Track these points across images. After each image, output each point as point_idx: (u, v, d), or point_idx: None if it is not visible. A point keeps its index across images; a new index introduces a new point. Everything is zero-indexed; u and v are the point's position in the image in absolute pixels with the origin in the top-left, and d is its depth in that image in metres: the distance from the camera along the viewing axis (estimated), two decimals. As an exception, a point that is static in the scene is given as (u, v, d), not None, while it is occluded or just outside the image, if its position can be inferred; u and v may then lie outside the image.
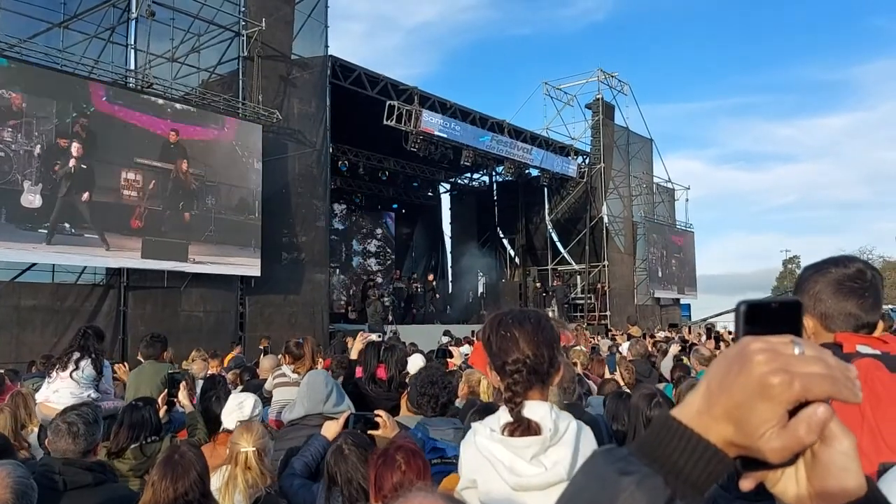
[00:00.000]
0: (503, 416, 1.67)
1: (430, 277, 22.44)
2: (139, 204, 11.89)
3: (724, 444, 0.58)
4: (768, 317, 0.61)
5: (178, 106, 12.73)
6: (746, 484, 0.60)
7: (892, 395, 1.32)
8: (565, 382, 3.35)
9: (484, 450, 1.64)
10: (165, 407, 4.19)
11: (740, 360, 0.58)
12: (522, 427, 1.62)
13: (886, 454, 1.07)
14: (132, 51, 13.13)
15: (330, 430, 3.18)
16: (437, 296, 21.72)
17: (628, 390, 4.72)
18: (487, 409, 2.60)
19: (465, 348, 9.10)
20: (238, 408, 3.60)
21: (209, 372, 7.22)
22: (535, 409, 1.65)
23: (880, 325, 1.54)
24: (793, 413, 0.57)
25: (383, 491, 2.14)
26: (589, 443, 1.68)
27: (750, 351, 0.58)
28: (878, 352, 1.44)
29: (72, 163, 10.98)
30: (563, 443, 1.61)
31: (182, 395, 4.17)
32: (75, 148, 11.02)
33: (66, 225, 10.94)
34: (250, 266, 13.40)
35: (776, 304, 0.61)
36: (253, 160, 13.61)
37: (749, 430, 0.57)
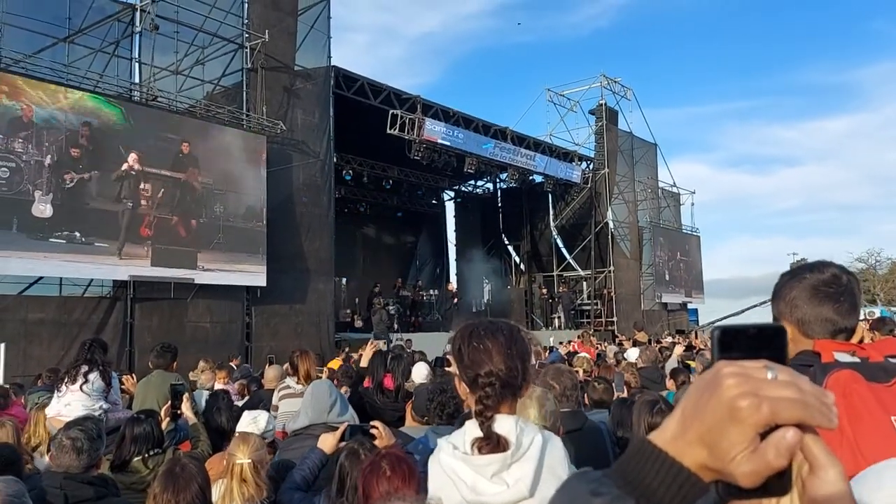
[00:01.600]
0: (470, 430, 1.63)
1: (450, 286, 22.47)
2: (148, 212, 12.00)
3: (698, 468, 0.59)
4: (748, 343, 0.60)
5: (189, 119, 12.97)
6: None
7: (869, 408, 1.29)
8: (567, 390, 3.35)
9: (447, 467, 1.61)
10: (168, 419, 4.19)
11: (712, 384, 0.59)
12: (492, 443, 1.58)
13: (864, 469, 1.07)
14: (137, 64, 13.23)
15: (327, 442, 3.17)
16: (457, 302, 21.71)
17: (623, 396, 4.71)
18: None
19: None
20: (253, 422, 3.60)
21: (215, 383, 7.23)
22: (501, 424, 1.61)
23: (859, 328, 1.52)
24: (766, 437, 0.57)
25: (371, 499, 2.15)
26: (556, 456, 1.63)
27: (721, 375, 0.58)
28: (857, 359, 1.42)
29: (83, 173, 11.12)
30: (526, 458, 1.57)
31: (185, 407, 4.17)
32: (85, 157, 11.16)
33: (77, 234, 11.01)
34: (257, 275, 13.44)
35: (754, 329, 0.61)
36: (259, 168, 13.72)
37: (720, 453, 0.57)
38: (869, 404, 1.30)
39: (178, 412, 4.23)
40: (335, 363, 9.47)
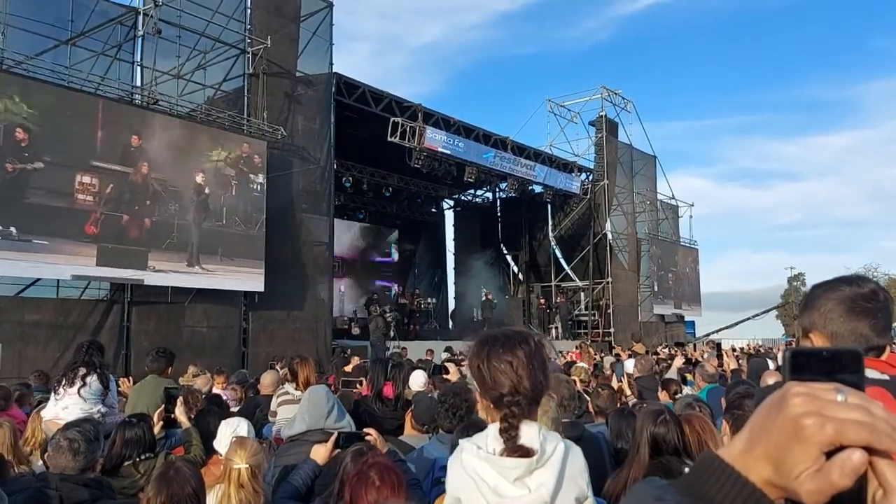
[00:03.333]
0: (493, 433, 1.63)
1: (489, 295, 22.66)
2: (95, 209, 11.23)
3: (764, 484, 0.60)
4: (820, 366, 0.61)
5: (142, 110, 12.38)
6: None
7: None
8: (565, 400, 3.34)
9: (469, 468, 1.60)
10: (161, 423, 4.16)
11: (780, 402, 0.60)
12: (519, 451, 1.58)
13: None
14: (138, 68, 13.26)
15: (319, 453, 3.15)
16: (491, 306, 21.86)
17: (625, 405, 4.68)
18: (475, 426, 2.54)
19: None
20: (233, 434, 3.54)
21: (213, 388, 7.21)
22: (525, 431, 1.60)
23: (887, 349, 1.50)
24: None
25: None
26: (577, 464, 1.64)
27: (789, 394, 0.60)
28: (885, 376, 1.41)
29: (25, 163, 10.43)
30: (549, 465, 1.57)
31: (179, 412, 4.14)
32: (26, 146, 10.47)
33: (13, 230, 10.29)
34: (254, 281, 13.40)
35: (828, 353, 0.61)
36: (220, 164, 13.10)
37: (786, 471, 0.58)
38: None
39: (172, 416, 4.20)
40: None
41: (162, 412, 4.24)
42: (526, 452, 1.58)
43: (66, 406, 4.94)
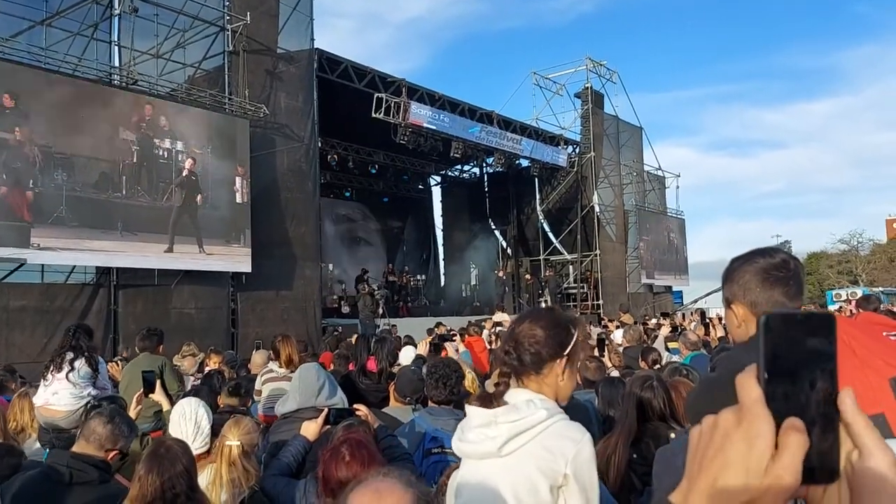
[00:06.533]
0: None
1: (500, 273, 23.10)
2: None
3: None
4: (794, 329, 0.58)
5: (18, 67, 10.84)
6: None
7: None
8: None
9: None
10: (139, 407, 4.16)
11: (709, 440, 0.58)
12: (485, 401, 1.75)
13: None
14: (116, 48, 13.01)
15: (309, 430, 3.17)
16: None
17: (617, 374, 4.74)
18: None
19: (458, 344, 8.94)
20: (181, 418, 3.24)
21: (209, 368, 7.20)
22: (514, 393, 1.75)
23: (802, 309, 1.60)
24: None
25: (330, 484, 2.15)
26: (557, 436, 1.68)
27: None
28: None
29: None
30: (513, 423, 1.66)
31: (157, 395, 4.14)
32: None
33: None
34: (241, 262, 13.33)
35: (802, 316, 0.59)
36: (119, 127, 11.68)
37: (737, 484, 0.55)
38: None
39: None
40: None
41: (141, 396, 4.25)
42: (490, 405, 1.72)
43: (56, 391, 4.91)
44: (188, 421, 3.16)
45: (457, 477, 1.76)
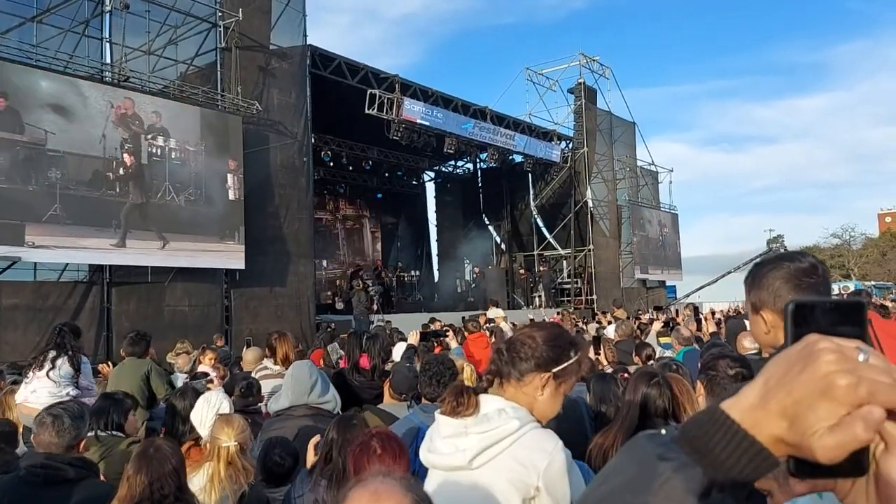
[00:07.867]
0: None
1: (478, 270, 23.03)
2: None
3: (772, 441, 0.58)
4: (824, 318, 0.59)
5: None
6: (801, 488, 0.60)
7: None
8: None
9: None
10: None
11: (805, 357, 0.57)
12: (454, 406, 1.71)
13: None
14: (108, 44, 12.93)
15: None
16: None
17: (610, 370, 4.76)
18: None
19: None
20: (206, 403, 3.44)
21: (201, 366, 7.18)
22: (488, 401, 1.71)
23: None
24: None
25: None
26: (528, 448, 1.64)
27: (817, 349, 0.57)
28: None
29: None
30: (483, 434, 1.62)
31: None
32: None
33: None
34: (234, 259, 13.30)
35: (832, 304, 0.59)
36: (111, 125, 11.57)
37: (803, 427, 0.56)
38: None
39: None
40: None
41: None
42: (460, 411, 1.68)
43: (35, 389, 4.89)
44: (212, 408, 3.35)
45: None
